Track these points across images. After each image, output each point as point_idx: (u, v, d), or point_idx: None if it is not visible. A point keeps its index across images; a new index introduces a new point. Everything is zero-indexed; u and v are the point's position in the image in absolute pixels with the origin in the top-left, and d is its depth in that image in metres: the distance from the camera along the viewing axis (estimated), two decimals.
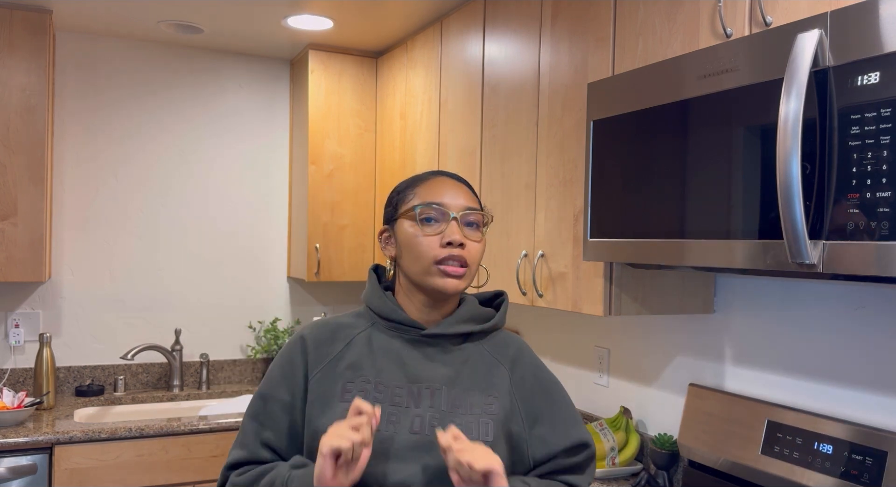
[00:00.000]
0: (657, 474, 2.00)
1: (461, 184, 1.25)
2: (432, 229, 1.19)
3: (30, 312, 3.05)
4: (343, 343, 1.23)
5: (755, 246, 1.28)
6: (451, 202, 1.21)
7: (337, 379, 1.19)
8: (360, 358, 1.20)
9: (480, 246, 1.22)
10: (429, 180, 1.24)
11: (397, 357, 1.20)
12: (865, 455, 1.47)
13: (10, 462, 2.44)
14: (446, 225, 1.19)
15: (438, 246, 1.18)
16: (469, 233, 1.21)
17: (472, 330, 1.24)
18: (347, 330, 1.25)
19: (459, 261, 1.18)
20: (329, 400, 1.17)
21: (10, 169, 2.70)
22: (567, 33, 2.00)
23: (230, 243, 3.43)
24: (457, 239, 1.17)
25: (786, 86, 1.17)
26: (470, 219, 1.21)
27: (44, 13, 2.74)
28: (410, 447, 1.13)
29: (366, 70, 3.31)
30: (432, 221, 1.20)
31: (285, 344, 1.26)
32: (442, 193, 1.21)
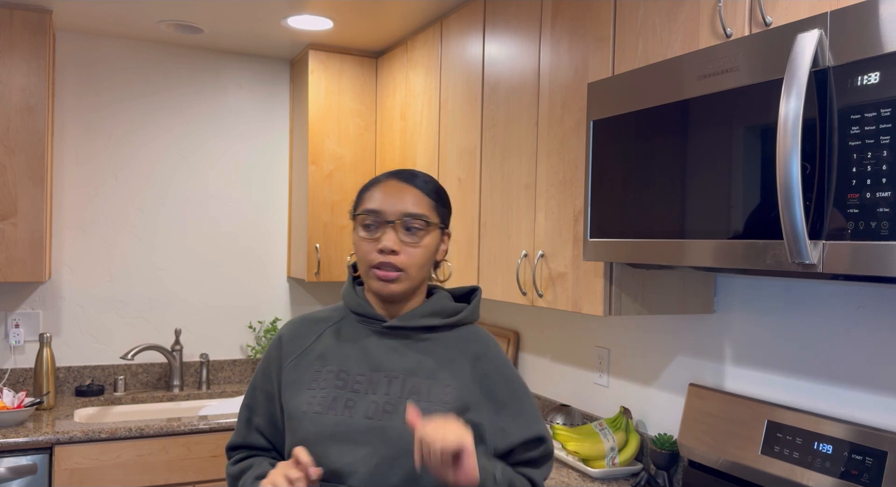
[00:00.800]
0: (657, 474, 2.00)
1: (410, 188, 1.28)
2: (371, 235, 1.26)
3: (30, 312, 3.05)
4: (315, 335, 1.33)
5: (755, 246, 1.28)
6: (389, 209, 1.25)
7: (307, 368, 1.29)
8: (328, 349, 1.30)
9: (419, 251, 1.26)
10: (379, 184, 1.29)
11: (362, 347, 1.29)
12: (865, 455, 1.47)
13: (10, 462, 2.44)
14: (383, 230, 1.25)
15: (375, 251, 1.25)
16: (408, 238, 1.26)
17: (434, 324, 1.30)
18: (320, 324, 1.35)
19: (392, 267, 1.24)
20: (299, 386, 1.28)
21: (10, 169, 2.70)
22: (567, 33, 2.00)
23: (230, 243, 3.43)
24: (387, 246, 1.24)
25: (786, 86, 1.17)
26: (409, 224, 1.26)
27: (44, 13, 2.74)
28: (363, 431, 1.20)
29: (366, 70, 3.31)
30: (371, 227, 1.26)
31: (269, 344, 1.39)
32: (384, 199, 1.26)
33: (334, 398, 1.24)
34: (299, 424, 1.24)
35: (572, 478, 2.06)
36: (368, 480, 1.19)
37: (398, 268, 1.25)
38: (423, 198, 1.28)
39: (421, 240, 1.27)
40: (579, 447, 2.09)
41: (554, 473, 2.10)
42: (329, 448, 1.21)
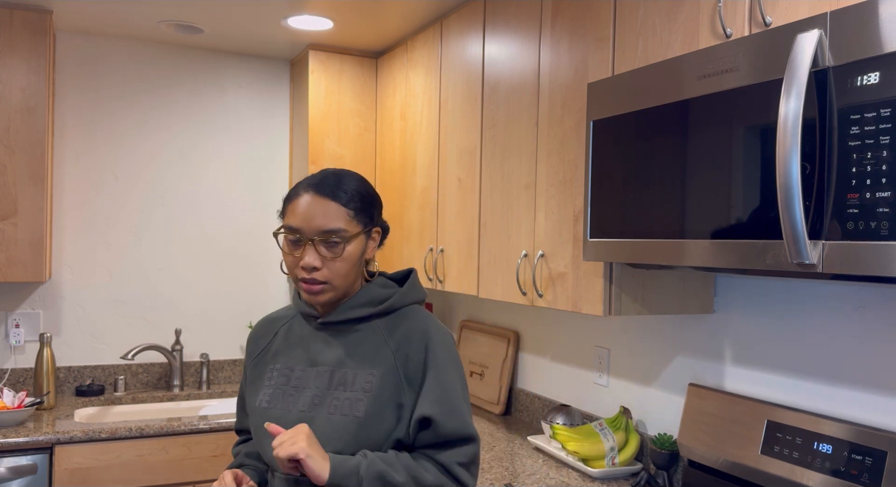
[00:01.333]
0: (657, 474, 2.00)
1: (326, 202, 1.30)
2: (293, 251, 1.32)
3: (30, 312, 3.05)
4: (272, 335, 1.45)
5: (755, 246, 1.28)
6: (306, 227, 1.29)
7: (264, 367, 1.41)
8: (280, 346, 1.41)
9: (340, 264, 1.31)
10: (298, 198, 1.32)
11: (305, 343, 1.38)
12: (865, 455, 1.47)
13: (11, 461, 2.44)
14: (304, 247, 1.30)
15: (298, 266, 1.31)
16: (328, 253, 1.30)
17: (364, 315, 1.35)
18: (277, 322, 1.47)
19: (315, 281, 1.31)
20: (257, 384, 1.40)
21: (11, 169, 2.70)
22: (567, 33, 2.00)
23: (230, 243, 3.43)
24: (308, 263, 1.29)
25: (785, 86, 1.17)
26: (327, 239, 1.29)
27: (44, 13, 2.74)
28: (296, 421, 1.30)
29: (366, 70, 3.31)
30: (293, 244, 1.32)
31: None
32: (302, 217, 1.30)
33: (280, 393, 1.35)
34: (252, 419, 1.37)
35: (572, 478, 2.06)
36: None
37: (322, 281, 1.31)
38: (339, 211, 1.30)
39: (342, 253, 1.30)
40: (579, 447, 2.09)
41: (554, 473, 2.10)
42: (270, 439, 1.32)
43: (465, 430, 1.29)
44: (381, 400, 1.28)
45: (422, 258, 2.84)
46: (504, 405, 2.82)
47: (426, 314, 1.39)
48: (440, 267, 2.70)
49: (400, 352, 1.32)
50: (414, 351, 1.32)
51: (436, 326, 1.36)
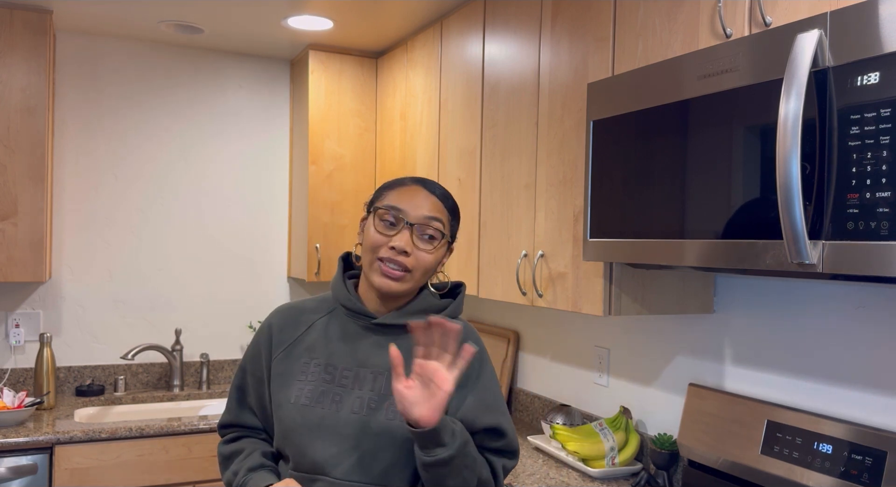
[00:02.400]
0: (657, 474, 2.00)
1: (433, 197, 1.33)
2: (387, 230, 1.30)
3: (30, 312, 3.05)
4: (304, 327, 1.37)
5: (755, 246, 1.28)
6: (411, 211, 1.30)
7: (296, 360, 1.33)
8: (316, 342, 1.34)
9: (429, 257, 1.31)
10: (405, 186, 1.34)
11: (350, 342, 1.33)
12: (865, 455, 1.47)
13: (11, 461, 2.44)
14: (400, 230, 1.29)
15: (387, 246, 1.28)
16: (421, 243, 1.30)
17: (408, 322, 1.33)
18: (309, 314, 1.38)
19: (399, 266, 1.28)
20: (288, 378, 1.32)
21: (11, 169, 2.70)
22: (567, 33, 2.00)
23: (230, 243, 3.43)
24: (400, 245, 1.27)
25: (785, 86, 1.17)
26: (427, 230, 1.30)
27: (44, 13, 2.74)
28: (348, 424, 1.26)
29: (366, 70, 3.31)
30: (390, 224, 1.30)
31: (260, 326, 1.41)
32: (408, 201, 1.31)
33: (322, 391, 1.29)
34: (287, 414, 1.29)
35: (572, 478, 2.06)
36: (350, 472, 1.24)
37: (406, 269, 1.29)
38: (442, 210, 1.34)
39: (433, 248, 1.31)
40: (579, 447, 2.09)
41: (554, 473, 2.10)
42: (314, 440, 1.26)
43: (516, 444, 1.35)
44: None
45: None
46: None
47: (469, 325, 1.41)
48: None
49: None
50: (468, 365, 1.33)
51: (477, 337, 1.40)
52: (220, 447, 1.41)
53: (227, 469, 1.37)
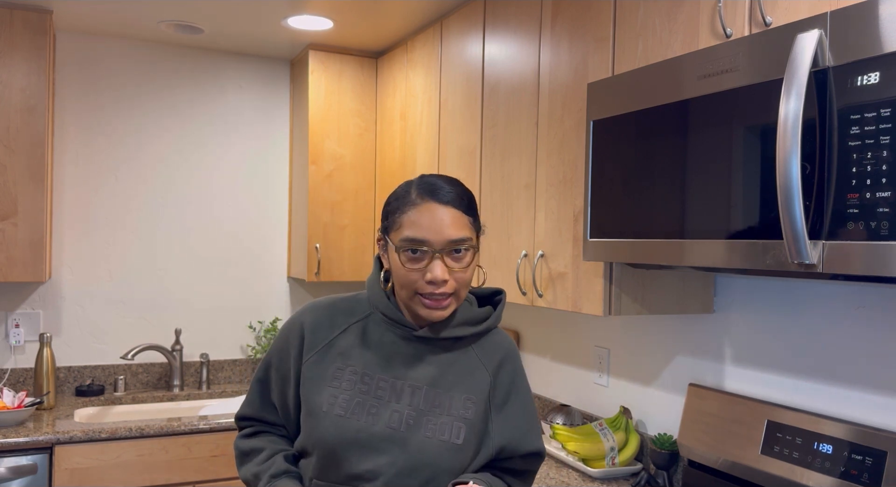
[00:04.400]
0: (657, 474, 2.00)
1: (448, 209, 1.23)
2: (416, 263, 1.22)
3: (30, 312, 3.05)
4: (339, 329, 1.30)
5: (755, 246, 1.28)
6: (434, 238, 1.21)
7: (329, 365, 1.27)
8: (351, 347, 1.28)
9: (466, 274, 1.24)
10: (417, 207, 1.23)
11: (387, 352, 1.28)
12: (865, 455, 1.47)
13: (11, 461, 2.44)
14: (430, 260, 1.21)
15: (422, 280, 1.22)
16: (454, 263, 1.23)
17: (463, 335, 1.29)
18: (345, 316, 1.32)
19: (443, 296, 1.23)
20: (320, 382, 1.27)
21: (11, 169, 2.70)
22: (567, 33, 2.00)
23: (230, 243, 3.43)
24: (438, 277, 1.21)
25: (785, 86, 1.17)
26: (454, 248, 1.23)
27: (44, 13, 2.74)
28: (385, 439, 1.21)
29: (366, 70, 3.31)
30: (417, 254, 1.22)
31: (290, 320, 1.34)
32: (426, 227, 1.21)
33: (358, 402, 1.24)
34: (319, 423, 1.24)
35: (572, 478, 2.06)
36: None
37: (449, 294, 1.24)
38: (462, 219, 1.24)
39: (468, 263, 1.25)
40: (579, 447, 2.09)
41: (554, 473, 2.10)
42: (350, 453, 1.21)
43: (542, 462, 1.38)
44: (477, 428, 1.26)
45: None
46: None
47: (507, 335, 1.38)
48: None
49: (496, 381, 1.30)
50: (506, 379, 1.32)
51: (516, 348, 1.38)
52: (238, 441, 1.36)
53: (244, 466, 1.33)
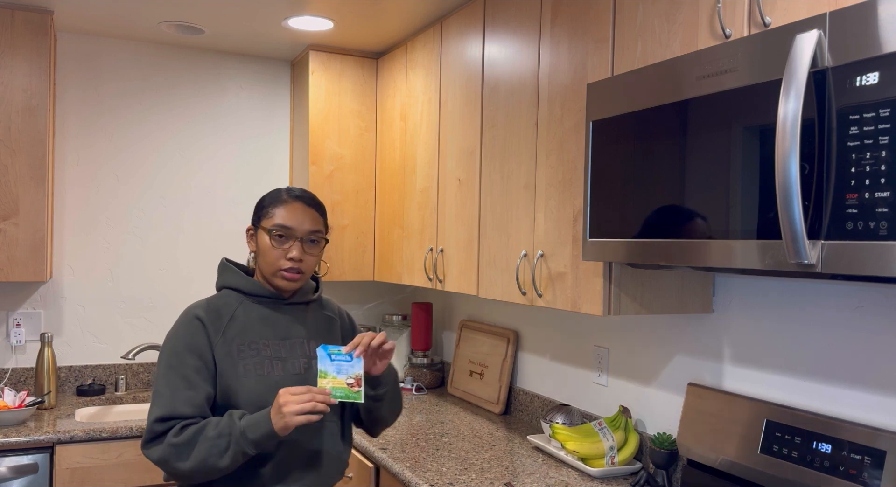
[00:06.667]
0: (656, 473, 2.01)
1: (311, 210, 1.67)
2: (281, 245, 1.64)
3: (31, 312, 3.05)
4: (227, 317, 1.62)
5: (754, 246, 1.29)
6: (298, 227, 1.64)
7: (231, 344, 1.59)
8: (244, 326, 1.62)
9: (315, 259, 1.69)
10: (288, 204, 1.66)
11: (270, 321, 1.66)
12: (864, 455, 1.48)
13: (12, 461, 2.44)
14: (292, 244, 1.63)
15: (284, 258, 1.63)
16: (309, 248, 1.66)
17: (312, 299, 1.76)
18: (225, 307, 1.64)
19: (297, 270, 1.64)
20: (234, 358, 1.58)
21: (12, 169, 2.70)
22: (566, 34, 2.00)
23: (231, 243, 3.44)
24: (296, 256, 1.63)
25: (784, 86, 1.17)
26: (311, 239, 1.66)
27: (45, 14, 2.75)
28: (295, 382, 1.60)
29: (366, 71, 3.31)
30: (283, 239, 1.64)
31: (180, 322, 1.60)
32: (293, 218, 1.64)
33: (267, 362, 1.60)
34: (244, 385, 1.55)
35: (571, 477, 2.07)
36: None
37: (300, 271, 1.65)
38: (318, 217, 1.68)
39: (318, 251, 1.68)
40: (578, 446, 2.09)
41: (553, 472, 2.11)
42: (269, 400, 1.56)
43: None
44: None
45: (422, 258, 2.84)
46: (504, 404, 2.82)
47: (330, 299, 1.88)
48: (440, 267, 2.70)
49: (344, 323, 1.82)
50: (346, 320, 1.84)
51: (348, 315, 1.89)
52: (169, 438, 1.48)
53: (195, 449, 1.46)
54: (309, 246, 1.66)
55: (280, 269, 1.63)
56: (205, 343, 1.57)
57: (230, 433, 1.46)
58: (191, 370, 1.54)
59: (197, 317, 1.60)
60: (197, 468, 1.46)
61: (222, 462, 1.46)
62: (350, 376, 1.55)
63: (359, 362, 1.56)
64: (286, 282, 1.64)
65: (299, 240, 1.64)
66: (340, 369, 1.56)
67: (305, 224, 1.65)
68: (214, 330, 1.59)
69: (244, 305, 1.66)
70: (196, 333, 1.58)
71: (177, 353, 1.55)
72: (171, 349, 1.56)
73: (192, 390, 1.52)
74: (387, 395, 1.71)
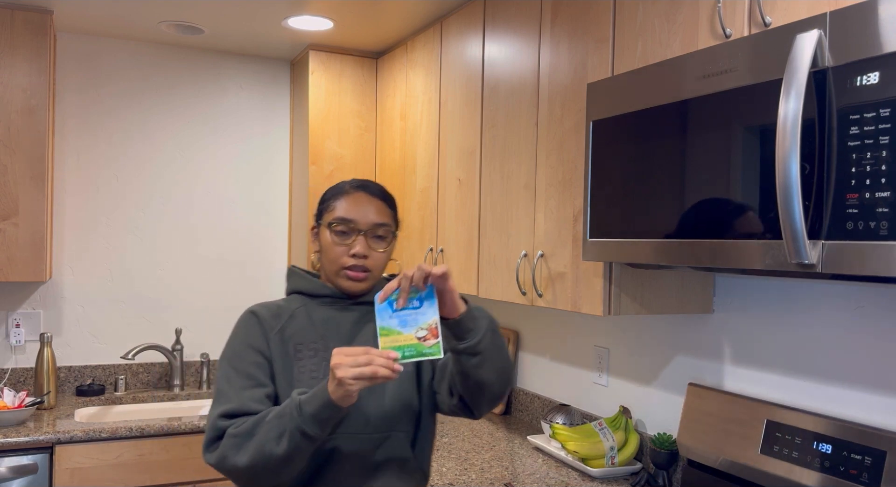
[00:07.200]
0: (656, 473, 2.01)
1: (376, 200, 1.49)
2: (344, 241, 1.46)
3: (31, 312, 3.05)
4: (286, 316, 1.48)
5: (754, 246, 1.29)
6: (361, 219, 1.46)
7: (287, 344, 1.45)
8: (303, 327, 1.47)
9: (384, 255, 1.50)
10: (350, 195, 1.49)
11: (335, 322, 1.49)
12: (864, 455, 1.48)
13: (11, 461, 2.44)
14: (355, 238, 1.46)
15: (347, 255, 1.46)
16: (375, 244, 1.47)
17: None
18: (286, 307, 1.50)
19: (362, 269, 1.47)
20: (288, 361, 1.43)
21: (11, 169, 2.70)
22: (567, 34, 2.00)
23: (231, 243, 3.44)
24: (360, 252, 1.45)
25: (785, 86, 1.17)
26: (377, 233, 1.47)
27: (45, 14, 2.75)
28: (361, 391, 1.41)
29: (366, 70, 3.31)
30: (344, 234, 1.46)
31: (238, 322, 1.48)
32: (356, 210, 1.47)
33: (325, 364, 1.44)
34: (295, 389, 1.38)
35: (572, 478, 2.07)
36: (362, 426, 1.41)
37: (366, 270, 1.47)
38: (385, 209, 1.50)
39: (386, 247, 1.50)
40: (579, 446, 2.09)
41: (553, 472, 2.11)
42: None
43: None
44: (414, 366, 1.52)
45: (422, 258, 2.84)
46: (504, 404, 2.82)
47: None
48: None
49: None
50: None
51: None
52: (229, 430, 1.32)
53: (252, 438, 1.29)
54: (375, 240, 1.47)
55: (343, 267, 1.46)
56: (262, 339, 1.44)
57: (288, 412, 1.27)
58: (253, 366, 1.41)
59: (253, 313, 1.48)
60: (254, 460, 1.27)
61: (279, 447, 1.25)
62: (421, 327, 1.23)
63: (430, 305, 1.24)
64: (351, 283, 1.46)
65: (363, 233, 1.46)
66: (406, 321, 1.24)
67: (370, 215, 1.47)
68: (270, 328, 1.46)
69: (308, 306, 1.50)
70: (252, 329, 1.45)
71: (236, 351, 1.43)
72: (230, 348, 1.45)
73: (257, 387, 1.39)
74: (483, 345, 1.32)
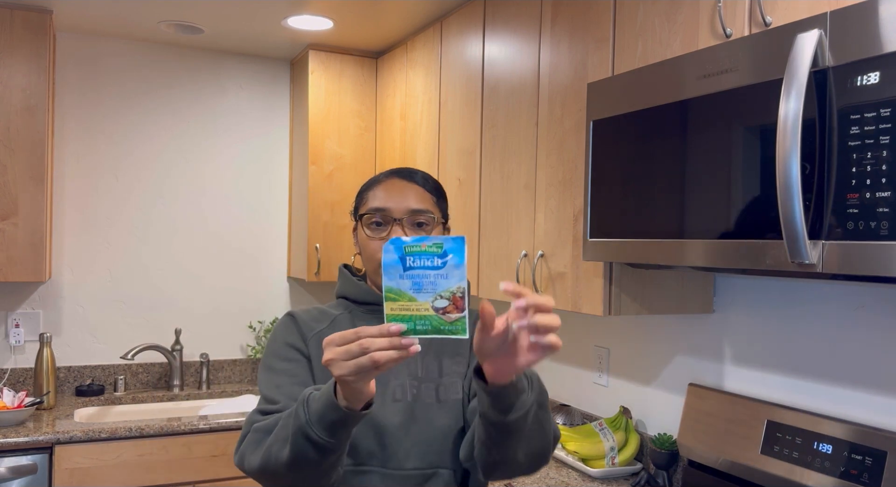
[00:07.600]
0: (657, 474, 2.01)
1: (412, 185, 1.30)
2: (378, 233, 1.27)
3: (30, 312, 3.05)
4: (327, 321, 1.32)
5: (755, 246, 1.29)
6: (395, 206, 1.27)
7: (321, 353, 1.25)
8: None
9: None
10: (382, 183, 1.31)
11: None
12: (865, 455, 1.47)
13: (11, 461, 2.44)
14: (391, 229, 1.26)
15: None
16: (415, 232, 1.26)
17: None
18: (328, 313, 1.35)
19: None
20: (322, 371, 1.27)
21: (11, 169, 2.70)
22: (567, 34, 2.00)
23: (230, 243, 3.43)
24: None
25: (785, 86, 1.17)
26: (417, 220, 1.27)
27: (44, 13, 2.74)
28: (394, 413, 1.24)
29: (366, 70, 3.31)
30: (379, 226, 1.28)
31: (277, 324, 1.34)
32: (389, 197, 1.28)
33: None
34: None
35: (572, 478, 2.06)
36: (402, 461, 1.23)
37: None
38: (425, 195, 1.30)
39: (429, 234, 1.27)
40: (579, 446, 2.09)
41: (554, 473, 2.11)
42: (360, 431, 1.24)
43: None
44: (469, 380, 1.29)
45: None
46: None
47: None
48: None
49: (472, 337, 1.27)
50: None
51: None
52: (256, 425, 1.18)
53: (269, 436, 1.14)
54: (414, 229, 1.26)
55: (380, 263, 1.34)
56: (299, 339, 1.30)
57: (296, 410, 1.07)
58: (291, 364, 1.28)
59: (291, 314, 1.34)
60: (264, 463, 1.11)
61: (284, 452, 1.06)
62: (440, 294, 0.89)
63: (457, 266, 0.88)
64: None
65: (399, 222, 1.26)
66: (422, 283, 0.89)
67: (407, 201, 1.27)
68: (309, 329, 1.31)
69: (353, 313, 1.34)
70: (290, 329, 1.32)
71: (274, 350, 1.30)
72: (270, 348, 1.32)
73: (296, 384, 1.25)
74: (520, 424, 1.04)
